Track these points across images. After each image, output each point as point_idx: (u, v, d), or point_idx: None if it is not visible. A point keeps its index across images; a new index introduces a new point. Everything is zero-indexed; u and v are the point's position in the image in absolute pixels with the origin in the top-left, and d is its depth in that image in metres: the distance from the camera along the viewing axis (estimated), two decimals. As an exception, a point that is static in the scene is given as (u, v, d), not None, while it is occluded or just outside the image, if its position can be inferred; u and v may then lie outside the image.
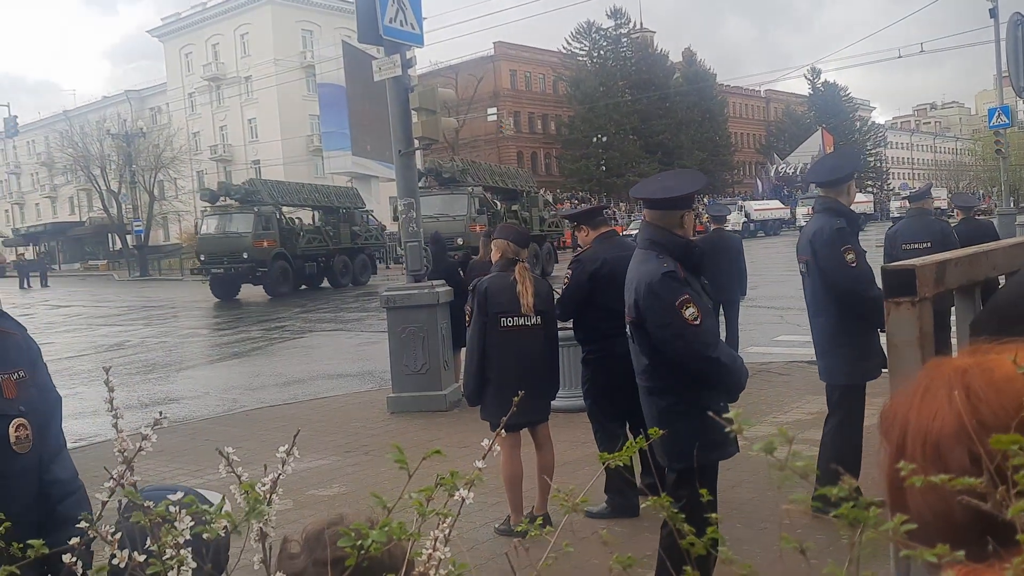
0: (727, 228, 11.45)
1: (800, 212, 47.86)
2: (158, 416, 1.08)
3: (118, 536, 0.96)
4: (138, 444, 1.04)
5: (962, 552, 0.65)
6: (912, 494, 0.80)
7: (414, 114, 9.44)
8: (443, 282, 9.32)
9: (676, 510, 1.00)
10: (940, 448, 0.80)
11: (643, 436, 1.17)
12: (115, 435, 1.04)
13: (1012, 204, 28.47)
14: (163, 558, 0.91)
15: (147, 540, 0.97)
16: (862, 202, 51.02)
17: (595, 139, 62.76)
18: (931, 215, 8.67)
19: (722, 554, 0.80)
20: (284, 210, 31.60)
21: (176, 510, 0.96)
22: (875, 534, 0.66)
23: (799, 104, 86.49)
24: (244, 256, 27.46)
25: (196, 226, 32.80)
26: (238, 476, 1.09)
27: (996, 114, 22.28)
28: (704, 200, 40.98)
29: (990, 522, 0.69)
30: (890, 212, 49.48)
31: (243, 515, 0.93)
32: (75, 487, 2.17)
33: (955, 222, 9.86)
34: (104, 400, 1.12)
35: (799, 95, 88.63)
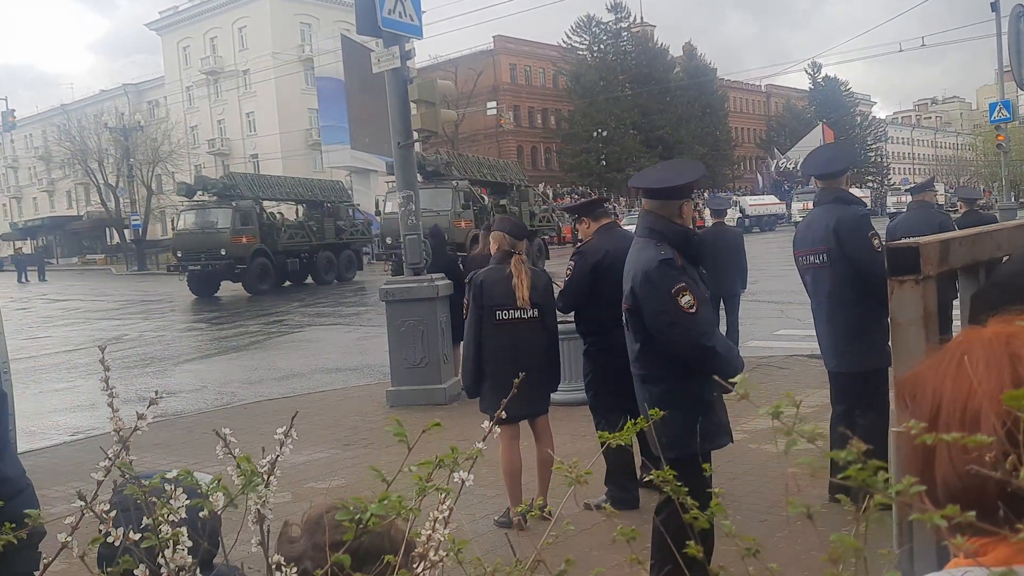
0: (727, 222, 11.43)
1: (796, 207, 47.71)
2: (153, 395, 1.07)
3: (113, 514, 0.95)
4: (134, 424, 1.03)
5: (972, 513, 0.63)
6: (942, 465, 0.77)
7: (413, 106, 9.42)
8: (442, 275, 9.30)
9: (664, 501, 0.99)
10: (980, 417, 0.77)
11: (644, 419, 1.15)
12: (110, 415, 1.03)
13: (1013, 199, 28.45)
14: (158, 534, 0.90)
15: (141, 519, 0.96)
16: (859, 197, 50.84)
17: (595, 133, 62.70)
18: (933, 208, 8.64)
19: (725, 528, 0.79)
20: (266, 205, 30.91)
21: (172, 487, 0.95)
22: (884, 498, 0.65)
23: (800, 99, 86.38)
24: (222, 252, 26.58)
25: (173, 221, 31.85)
26: (235, 457, 1.08)
27: (997, 108, 22.26)
28: (704, 194, 40.99)
29: (1017, 499, 0.67)
30: (887, 207, 49.36)
31: (239, 489, 0.92)
32: (23, 485, 2.13)
33: (958, 215, 9.84)
34: (101, 381, 1.11)
35: (800, 90, 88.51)
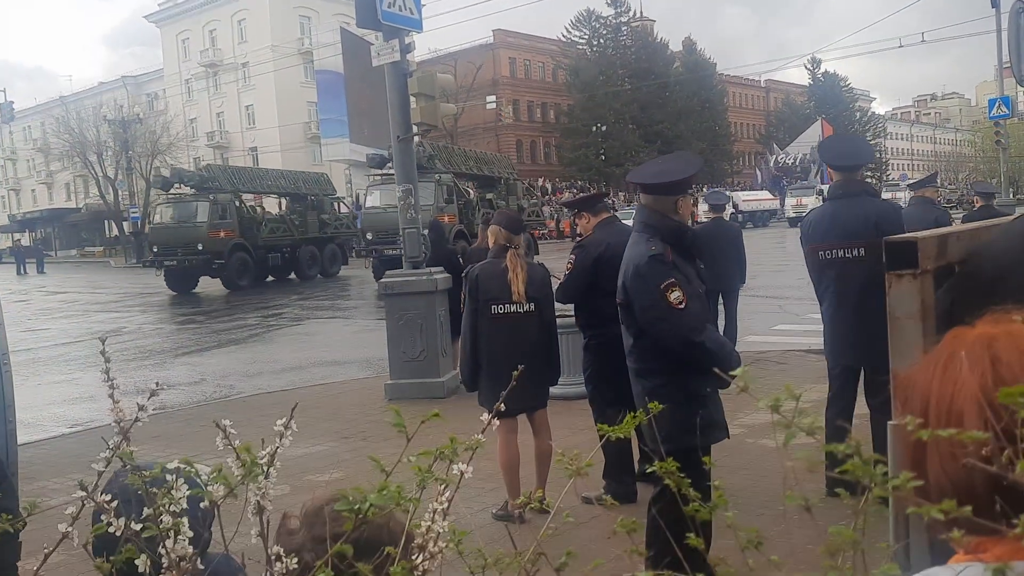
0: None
1: (789, 203, 47.56)
2: (154, 387, 1.07)
3: (115, 504, 0.96)
4: (135, 415, 1.03)
5: (969, 508, 0.64)
6: (932, 465, 0.79)
7: (412, 100, 9.41)
8: (441, 269, 9.31)
9: (659, 493, 0.99)
10: (964, 417, 0.79)
11: (643, 412, 1.16)
12: (111, 406, 1.03)
13: (1011, 195, 28.48)
14: (159, 524, 0.91)
15: (141, 509, 0.97)
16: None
17: (594, 128, 62.64)
18: (933, 204, 8.60)
19: (727, 519, 0.80)
20: (247, 198, 30.16)
21: (173, 477, 0.95)
22: (882, 491, 0.66)
23: (799, 94, 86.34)
24: (199, 247, 25.81)
25: (149, 215, 31.08)
26: (235, 448, 1.08)
27: (996, 105, 22.23)
28: (703, 189, 40.94)
29: (1011, 493, 0.68)
30: None
31: (239, 480, 0.92)
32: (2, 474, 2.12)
33: (974, 210, 9.84)
34: (101, 373, 1.11)
35: (799, 85, 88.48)
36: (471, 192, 28.23)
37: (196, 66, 66.04)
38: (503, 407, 1.16)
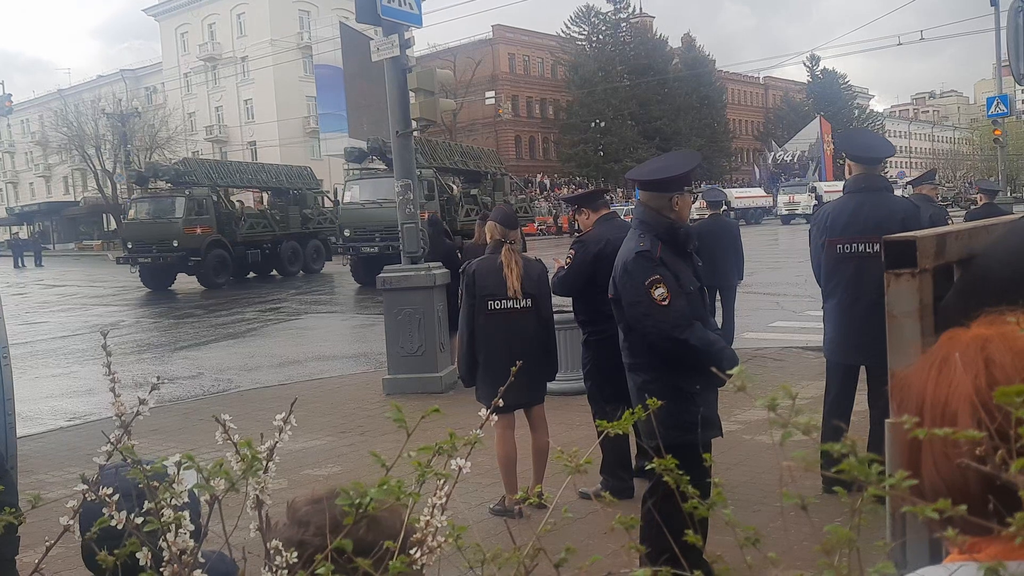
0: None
1: (782, 200, 47.51)
2: (155, 380, 1.07)
3: (116, 497, 0.96)
4: (136, 409, 1.04)
5: (964, 507, 0.65)
6: (926, 465, 0.79)
7: (412, 95, 9.41)
8: (439, 264, 9.31)
9: (650, 489, 0.99)
10: (958, 418, 0.79)
11: (641, 408, 1.16)
12: (112, 399, 1.04)
13: (1008, 193, 28.50)
14: (160, 517, 0.91)
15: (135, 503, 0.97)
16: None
17: (593, 124, 62.64)
18: (932, 201, 8.59)
19: (725, 516, 0.80)
20: (227, 193, 29.34)
21: (176, 471, 0.96)
22: (877, 491, 0.66)
23: (797, 91, 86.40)
24: (174, 244, 25.07)
25: (124, 210, 30.12)
26: (235, 443, 1.09)
27: (995, 103, 22.25)
28: (701, 185, 40.92)
29: (1004, 493, 0.69)
30: None
31: (239, 474, 0.92)
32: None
33: (977, 207, 9.84)
34: (103, 367, 1.12)
35: (798, 82, 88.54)
36: (455, 188, 27.36)
37: (195, 60, 65.94)
38: (501, 403, 1.17)
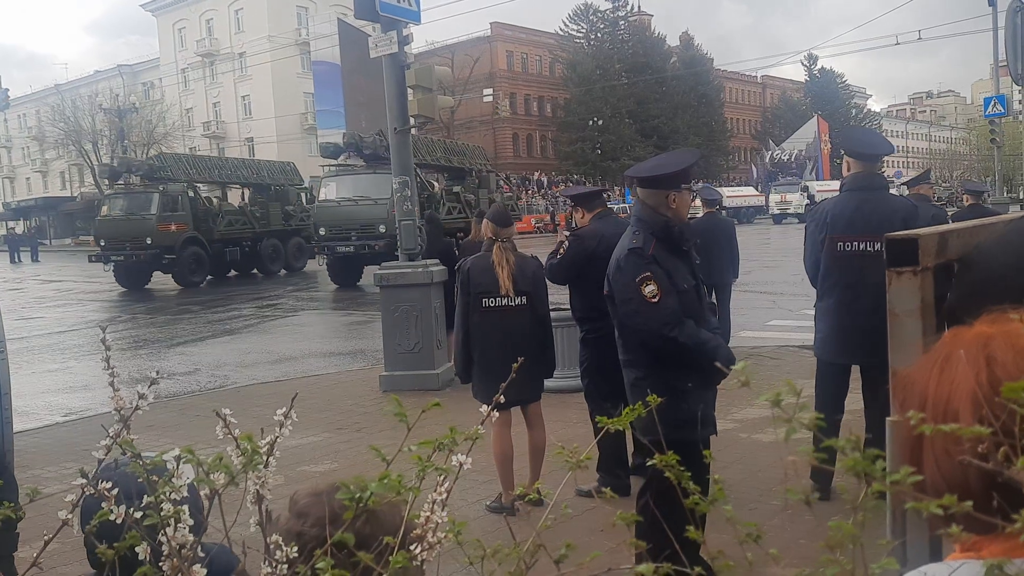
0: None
1: (774, 199, 47.55)
2: (153, 375, 1.07)
3: (115, 492, 0.96)
4: (135, 403, 1.03)
5: (969, 503, 0.65)
6: (928, 463, 0.79)
7: (410, 92, 9.40)
8: (437, 261, 9.31)
9: (644, 486, 0.99)
10: (960, 416, 0.79)
11: (641, 404, 1.16)
12: (112, 394, 1.03)
13: (1005, 193, 28.53)
14: (160, 511, 0.91)
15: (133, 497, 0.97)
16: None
17: (591, 122, 62.62)
18: (929, 201, 8.63)
19: (726, 513, 0.80)
20: (208, 190, 28.87)
21: (175, 466, 0.95)
22: (881, 486, 0.66)
23: (795, 90, 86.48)
24: (148, 241, 24.32)
25: (97, 207, 29.18)
26: (234, 438, 1.08)
27: (992, 103, 22.28)
28: (699, 184, 40.89)
29: (1006, 490, 0.69)
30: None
31: (240, 468, 0.92)
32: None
33: (963, 208, 9.85)
34: (102, 361, 1.11)
35: (795, 81, 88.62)
36: (436, 185, 26.56)
37: (193, 55, 65.83)
38: (503, 399, 1.16)
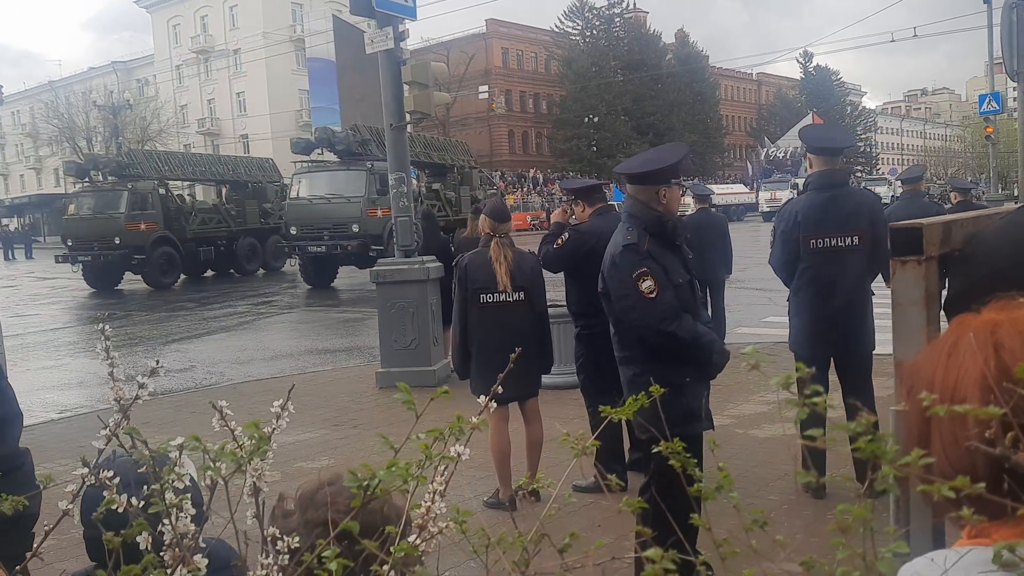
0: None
1: (763, 196, 47.62)
2: (154, 365, 1.06)
3: (116, 480, 0.95)
4: (135, 393, 1.02)
5: (982, 484, 0.65)
6: (935, 450, 0.79)
7: (406, 88, 9.38)
8: (433, 258, 9.30)
9: (645, 484, 0.99)
10: (967, 403, 0.79)
11: (644, 395, 1.16)
12: (111, 384, 1.02)
13: (999, 190, 28.60)
14: (164, 500, 0.90)
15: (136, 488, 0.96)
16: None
17: (586, 119, 62.62)
18: (924, 197, 8.70)
19: (732, 500, 0.80)
20: (182, 188, 28.43)
21: (178, 454, 0.95)
22: (891, 469, 0.66)
23: (791, 88, 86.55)
24: (116, 241, 23.42)
25: (64, 205, 28.28)
26: (231, 430, 1.08)
27: (987, 100, 22.30)
28: (694, 180, 40.93)
29: (1013, 476, 0.69)
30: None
31: (245, 456, 0.92)
32: (17, 464, 2.09)
33: (952, 205, 9.89)
34: (100, 351, 1.10)
35: (791, 79, 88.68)
36: (415, 182, 25.48)
37: (187, 52, 65.64)
38: (500, 389, 1.16)
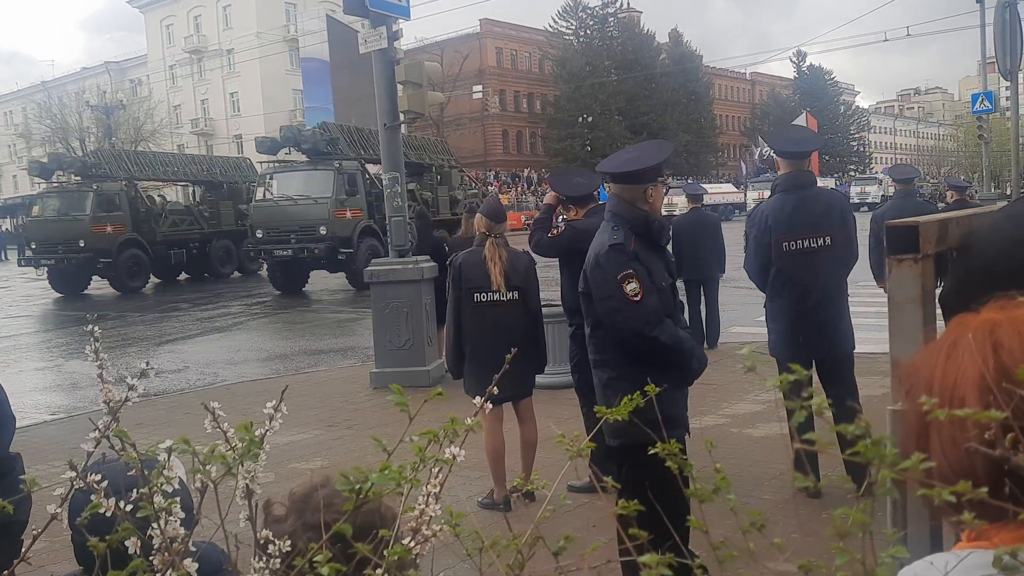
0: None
1: (751, 196, 47.73)
2: (144, 367, 1.05)
3: (104, 484, 0.94)
4: (124, 395, 1.01)
5: (984, 489, 0.64)
6: (934, 452, 0.79)
7: (400, 88, 9.37)
8: (427, 258, 9.29)
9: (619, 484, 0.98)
10: (966, 403, 0.78)
11: (640, 394, 1.15)
12: (100, 385, 1.01)
13: (992, 189, 28.69)
14: (152, 504, 0.89)
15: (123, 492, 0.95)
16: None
17: (580, 119, 62.59)
18: (915, 197, 8.74)
19: (730, 502, 0.79)
20: (160, 188, 27.51)
21: (166, 457, 0.94)
22: (891, 473, 0.65)
23: (784, 87, 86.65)
24: (81, 244, 22.55)
25: (27, 206, 27.48)
26: (224, 431, 1.06)
27: (979, 99, 22.34)
28: (688, 180, 40.95)
29: (1013, 478, 0.68)
30: (849, 198, 49.60)
31: (236, 458, 0.90)
32: (7, 469, 2.07)
33: (947, 204, 9.92)
34: (90, 352, 1.09)
35: (784, 78, 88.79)
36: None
37: (180, 52, 65.51)
38: (496, 390, 1.15)
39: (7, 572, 1.06)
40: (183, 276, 27.05)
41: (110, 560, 0.93)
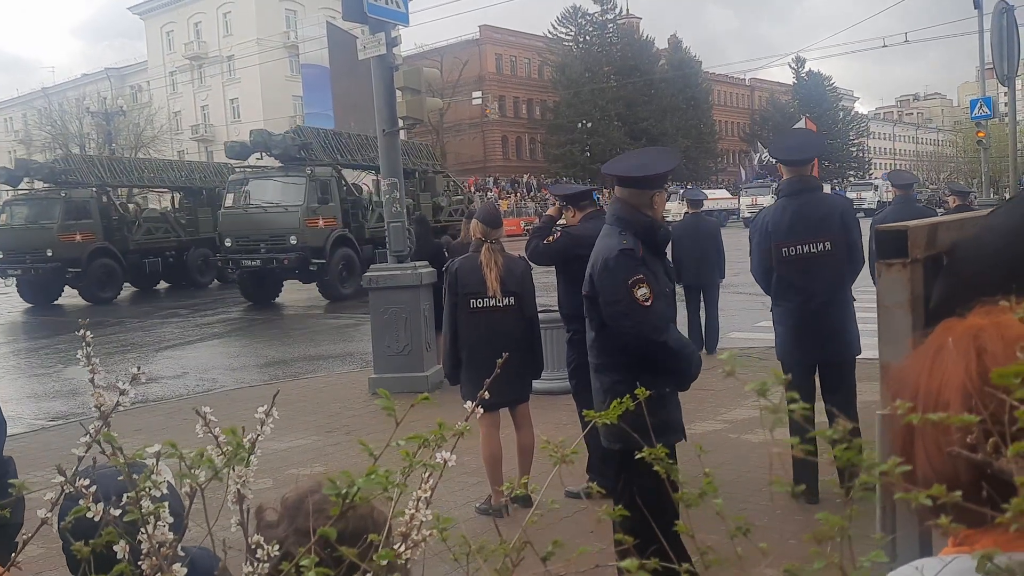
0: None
1: (744, 202, 47.76)
2: (135, 371, 1.05)
3: (93, 489, 0.94)
4: (115, 400, 1.01)
5: (959, 493, 0.64)
6: (919, 456, 0.79)
7: (399, 94, 9.39)
8: (426, 263, 9.29)
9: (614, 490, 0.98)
10: (949, 408, 0.79)
11: (630, 398, 1.15)
12: (92, 390, 1.01)
13: (992, 195, 28.71)
14: (140, 508, 0.89)
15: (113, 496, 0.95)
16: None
17: (580, 125, 62.69)
18: (915, 202, 8.76)
19: (716, 506, 0.79)
20: (133, 196, 26.97)
21: (154, 462, 0.94)
22: (869, 477, 0.65)
23: (783, 93, 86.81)
24: (48, 253, 21.67)
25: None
26: (215, 436, 1.06)
27: (978, 105, 22.35)
28: (687, 186, 40.97)
29: (995, 482, 0.68)
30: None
31: (223, 463, 0.91)
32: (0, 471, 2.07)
33: (949, 209, 9.93)
34: (81, 356, 1.09)
35: (783, 84, 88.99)
36: (365, 188, 23.83)
37: (181, 59, 65.61)
38: (487, 395, 1.15)
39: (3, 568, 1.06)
40: (161, 285, 26.22)
41: (99, 566, 0.93)
